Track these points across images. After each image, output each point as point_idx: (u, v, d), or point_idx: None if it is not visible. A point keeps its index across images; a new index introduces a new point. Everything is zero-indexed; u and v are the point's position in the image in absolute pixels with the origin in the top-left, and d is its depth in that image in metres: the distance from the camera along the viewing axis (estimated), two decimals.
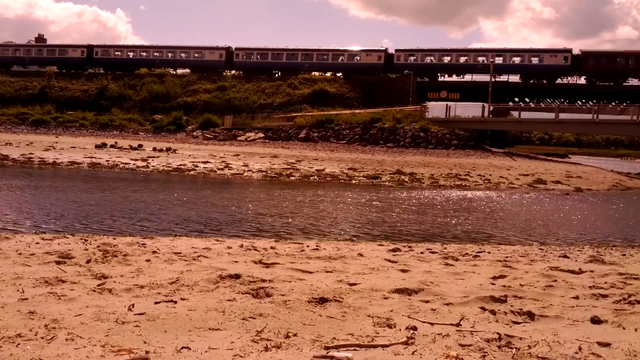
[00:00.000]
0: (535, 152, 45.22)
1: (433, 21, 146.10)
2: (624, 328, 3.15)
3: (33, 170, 17.22)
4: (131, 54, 53.58)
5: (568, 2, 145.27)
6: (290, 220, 9.79)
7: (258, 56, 51.14)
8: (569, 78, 46.81)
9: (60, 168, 18.29)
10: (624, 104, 39.30)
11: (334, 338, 2.80)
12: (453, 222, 10.57)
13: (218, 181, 16.89)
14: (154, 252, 5.29)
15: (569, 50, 45.86)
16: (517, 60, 46.75)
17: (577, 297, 3.96)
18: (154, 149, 26.43)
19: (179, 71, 54.05)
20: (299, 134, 38.62)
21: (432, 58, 48.96)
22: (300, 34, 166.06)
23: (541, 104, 43.40)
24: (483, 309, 3.46)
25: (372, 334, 2.90)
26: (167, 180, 16.65)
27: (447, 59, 48.63)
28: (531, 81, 46.88)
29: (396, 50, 49.39)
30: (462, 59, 48.27)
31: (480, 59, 47.33)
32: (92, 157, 20.97)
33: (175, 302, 3.36)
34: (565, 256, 6.30)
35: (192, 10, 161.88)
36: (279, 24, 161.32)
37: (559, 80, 47.17)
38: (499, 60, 45.89)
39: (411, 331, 2.93)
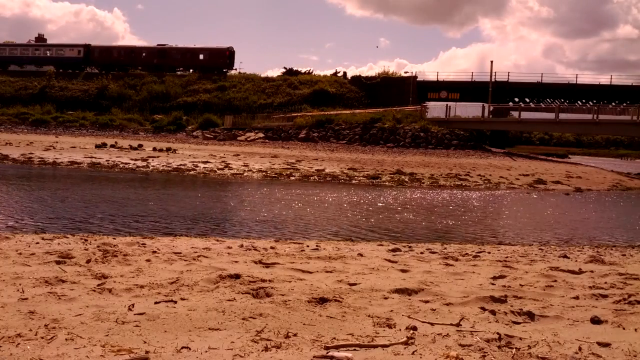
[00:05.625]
0: (535, 152, 45.13)
1: (431, 20, 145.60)
2: (624, 328, 3.15)
3: (33, 170, 17.22)
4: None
5: (567, 2, 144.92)
6: (289, 219, 9.79)
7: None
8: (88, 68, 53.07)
9: (60, 168, 18.29)
10: None
11: (334, 338, 2.80)
12: (452, 222, 10.57)
13: (218, 181, 16.89)
14: (154, 252, 5.29)
15: (85, 45, 53.36)
16: (49, 53, 53.49)
17: (577, 297, 3.96)
18: (154, 149, 26.42)
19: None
20: (299, 134, 38.60)
21: None
22: (296, 33, 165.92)
23: (541, 104, 43.38)
24: (483, 309, 3.46)
25: (372, 334, 2.90)
26: (168, 180, 16.66)
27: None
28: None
29: None
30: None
31: (36, 52, 54.02)
32: (92, 157, 20.96)
33: (175, 302, 3.36)
34: (565, 256, 6.30)
35: (189, 9, 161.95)
36: (275, 23, 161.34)
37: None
38: (37, 53, 53.78)
39: (411, 331, 2.93)
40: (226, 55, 51.37)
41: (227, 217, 9.80)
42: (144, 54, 52.83)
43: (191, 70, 51.97)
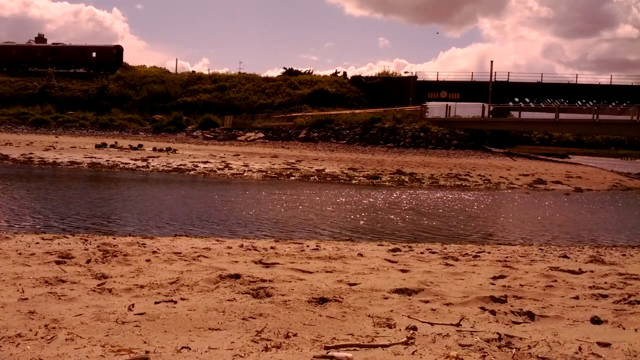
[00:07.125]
0: (535, 152, 45.11)
1: (431, 19, 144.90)
2: (624, 328, 3.15)
3: (33, 170, 17.22)
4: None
5: (566, 1, 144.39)
6: (289, 219, 9.78)
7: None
8: None
9: (60, 168, 18.29)
10: None
11: (334, 338, 2.80)
12: (452, 222, 10.57)
13: (218, 181, 16.89)
14: (154, 252, 5.29)
15: None
16: None
17: (577, 297, 3.96)
18: (154, 149, 26.42)
19: None
20: (299, 134, 38.61)
21: None
22: (296, 33, 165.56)
23: (541, 104, 43.38)
24: (483, 309, 3.46)
25: (372, 334, 2.90)
26: (167, 180, 16.65)
27: None
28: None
29: None
30: None
31: None
32: (92, 157, 20.97)
33: (175, 302, 3.36)
34: (565, 256, 6.30)
35: (189, 9, 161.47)
36: (275, 23, 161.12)
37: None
38: None
39: (411, 331, 2.93)
40: (114, 54, 53.46)
41: (227, 217, 9.80)
42: (39, 53, 54.16)
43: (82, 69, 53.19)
